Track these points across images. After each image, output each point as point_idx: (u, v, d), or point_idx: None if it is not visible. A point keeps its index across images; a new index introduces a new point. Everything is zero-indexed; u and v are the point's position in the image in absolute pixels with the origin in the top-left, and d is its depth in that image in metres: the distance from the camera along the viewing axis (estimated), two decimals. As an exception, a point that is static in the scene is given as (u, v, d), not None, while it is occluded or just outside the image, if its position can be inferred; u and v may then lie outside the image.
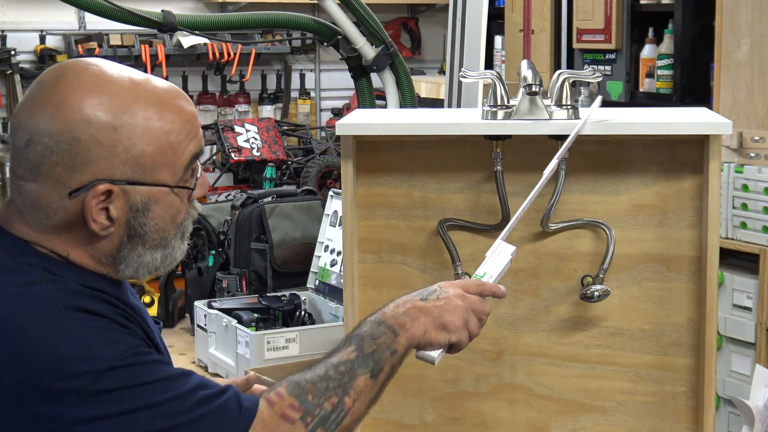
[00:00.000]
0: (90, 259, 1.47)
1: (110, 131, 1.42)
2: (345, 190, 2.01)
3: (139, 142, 1.44)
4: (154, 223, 1.49)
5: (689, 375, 2.01)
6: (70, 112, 1.41)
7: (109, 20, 3.28)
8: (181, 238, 1.55)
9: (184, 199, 1.55)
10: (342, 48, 3.42)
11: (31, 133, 1.41)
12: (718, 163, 1.92)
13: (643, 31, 4.38)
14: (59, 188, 1.42)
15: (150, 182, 1.46)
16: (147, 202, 1.47)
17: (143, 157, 1.44)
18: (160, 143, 1.47)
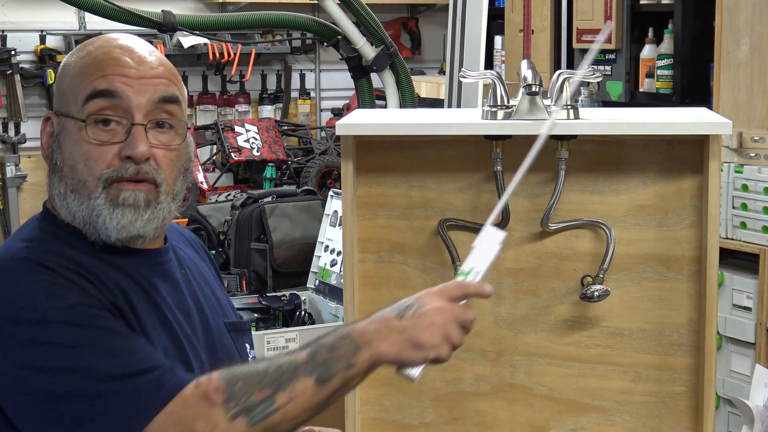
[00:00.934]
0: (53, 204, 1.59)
1: (61, 70, 1.60)
2: (345, 190, 2.01)
3: (66, 75, 1.58)
4: (65, 156, 1.55)
5: (689, 375, 2.01)
6: (78, 50, 1.61)
7: (109, 20, 3.28)
8: (106, 197, 1.54)
9: (105, 147, 1.54)
10: (342, 48, 3.42)
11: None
12: (718, 163, 1.92)
13: (643, 31, 4.38)
14: (47, 124, 1.61)
15: (63, 112, 1.57)
16: (60, 132, 1.56)
17: (61, 88, 1.58)
18: (72, 76, 1.57)
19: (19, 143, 5.51)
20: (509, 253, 2.04)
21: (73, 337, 1.44)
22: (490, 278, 2.04)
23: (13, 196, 5.45)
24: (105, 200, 1.53)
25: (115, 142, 1.53)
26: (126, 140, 1.53)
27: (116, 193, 1.53)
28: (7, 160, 5.44)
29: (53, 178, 1.56)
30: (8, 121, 5.52)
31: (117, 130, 1.54)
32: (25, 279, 1.47)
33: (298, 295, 3.11)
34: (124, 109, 1.54)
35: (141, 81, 1.55)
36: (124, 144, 1.53)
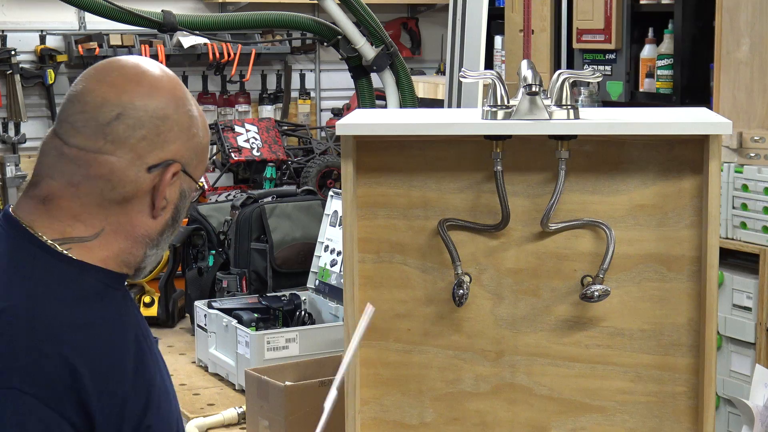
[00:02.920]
0: (124, 238, 1.53)
1: (188, 117, 1.55)
2: (345, 190, 2.01)
3: (200, 133, 1.57)
4: (183, 215, 1.60)
5: (689, 375, 2.01)
6: (163, 93, 1.53)
7: (109, 20, 3.28)
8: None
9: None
10: (342, 48, 3.42)
11: (123, 107, 1.50)
12: (718, 163, 1.92)
13: (643, 31, 4.38)
14: (138, 162, 1.51)
15: (192, 175, 1.57)
16: (187, 193, 1.58)
17: (198, 148, 1.57)
18: (207, 140, 1.59)
19: (19, 143, 5.51)
20: (509, 253, 2.04)
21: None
22: (490, 278, 2.05)
23: (13, 196, 5.45)
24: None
25: None
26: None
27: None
28: (7, 160, 5.44)
29: (164, 231, 1.57)
30: (8, 121, 5.52)
31: None
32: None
33: (298, 295, 3.11)
34: None
35: None
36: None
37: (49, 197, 1.51)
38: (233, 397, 2.79)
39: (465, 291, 1.99)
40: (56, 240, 1.49)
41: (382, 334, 2.08)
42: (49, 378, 1.39)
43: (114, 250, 1.53)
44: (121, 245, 1.53)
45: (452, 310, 2.05)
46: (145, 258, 1.57)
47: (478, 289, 2.05)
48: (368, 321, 1.64)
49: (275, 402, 2.35)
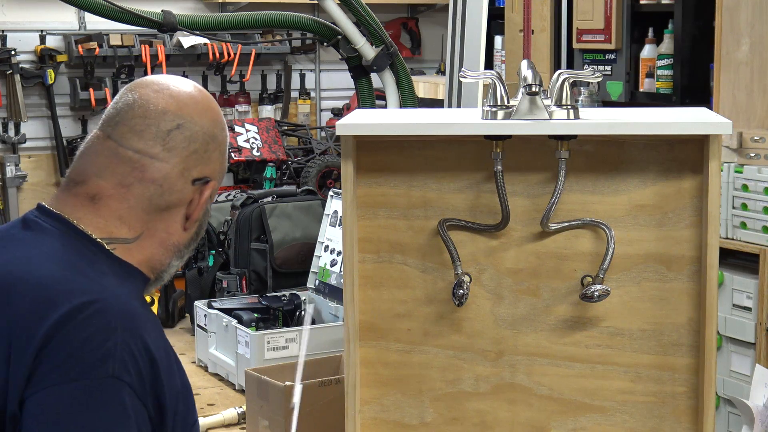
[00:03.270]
0: (157, 245, 1.59)
1: (225, 142, 1.65)
2: (345, 190, 2.01)
3: (226, 160, 1.66)
4: (204, 230, 1.68)
5: (689, 375, 2.01)
6: (215, 115, 1.62)
7: (109, 20, 3.28)
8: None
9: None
10: (342, 48, 3.42)
11: (184, 119, 1.58)
12: (718, 163, 1.92)
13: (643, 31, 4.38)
14: (186, 173, 1.58)
15: (209, 179, 1.63)
16: (208, 210, 1.66)
17: (223, 173, 1.66)
18: (225, 168, 1.67)
19: (19, 143, 5.51)
20: (509, 253, 2.04)
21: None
22: (490, 278, 2.05)
23: (13, 196, 5.45)
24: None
25: None
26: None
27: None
28: (7, 160, 5.44)
29: (190, 244, 1.64)
30: (8, 121, 5.52)
31: None
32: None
33: (298, 295, 3.11)
34: None
35: None
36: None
37: (98, 196, 1.55)
38: (233, 397, 2.79)
39: (465, 291, 1.99)
40: (103, 239, 1.54)
41: (382, 334, 2.08)
42: (138, 368, 1.43)
43: (147, 255, 1.58)
44: (154, 251, 1.59)
45: (452, 310, 2.05)
46: (169, 267, 1.62)
47: (478, 289, 2.05)
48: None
49: (275, 402, 2.35)
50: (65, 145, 5.57)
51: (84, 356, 1.40)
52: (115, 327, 1.43)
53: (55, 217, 1.54)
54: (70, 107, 5.64)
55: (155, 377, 1.45)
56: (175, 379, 1.51)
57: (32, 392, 1.39)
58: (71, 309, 1.42)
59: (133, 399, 1.42)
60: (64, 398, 1.39)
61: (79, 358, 1.40)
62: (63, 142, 5.56)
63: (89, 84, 5.54)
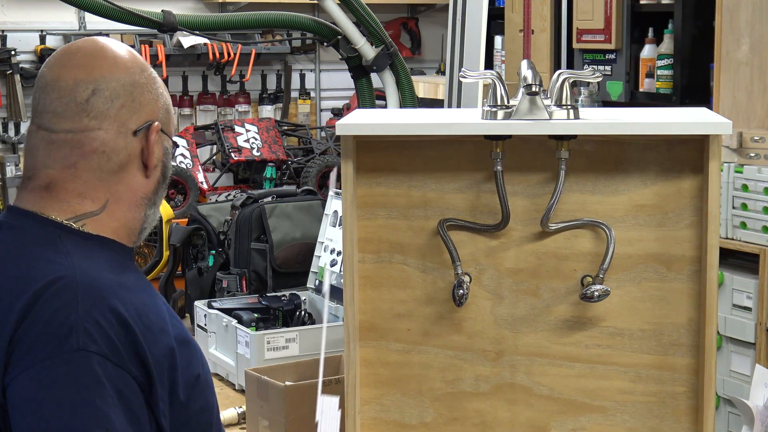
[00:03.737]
0: (127, 205, 1.61)
1: (153, 80, 1.64)
2: (345, 190, 2.01)
3: (165, 95, 1.67)
4: (168, 171, 1.68)
5: (689, 375, 2.01)
6: (127, 62, 1.62)
7: (109, 20, 3.28)
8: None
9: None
10: (342, 48, 3.42)
11: (96, 82, 1.58)
12: (718, 163, 1.92)
13: (643, 31, 4.38)
14: (123, 129, 1.59)
15: (168, 133, 1.66)
16: (168, 150, 1.67)
17: (166, 107, 1.66)
18: (169, 98, 1.68)
19: (19, 143, 5.51)
20: (509, 253, 2.04)
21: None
22: (490, 278, 2.05)
23: (13, 196, 5.45)
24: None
25: None
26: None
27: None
28: (7, 160, 5.44)
29: (158, 189, 1.66)
30: (8, 121, 5.52)
31: None
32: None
33: (298, 295, 3.11)
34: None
35: None
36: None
37: (51, 184, 1.58)
38: (233, 397, 2.79)
39: (465, 291, 1.99)
40: (70, 219, 1.57)
41: (382, 334, 2.08)
42: (109, 336, 1.45)
43: (121, 220, 1.61)
44: (126, 213, 1.61)
45: (452, 310, 2.05)
46: (146, 218, 1.65)
47: (478, 289, 2.05)
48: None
49: (275, 402, 2.35)
50: (65, 145, 5.56)
51: (49, 335, 1.43)
52: (77, 300, 1.46)
53: (22, 213, 1.58)
54: (70, 107, 5.63)
55: (132, 340, 1.47)
56: (165, 338, 1.53)
57: (10, 379, 1.43)
58: (34, 292, 1.46)
59: (105, 367, 1.44)
60: (37, 380, 1.42)
61: (46, 338, 1.43)
62: (63, 142, 5.55)
63: (89, 84, 5.54)
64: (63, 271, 1.49)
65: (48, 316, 1.44)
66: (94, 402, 1.41)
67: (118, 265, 1.58)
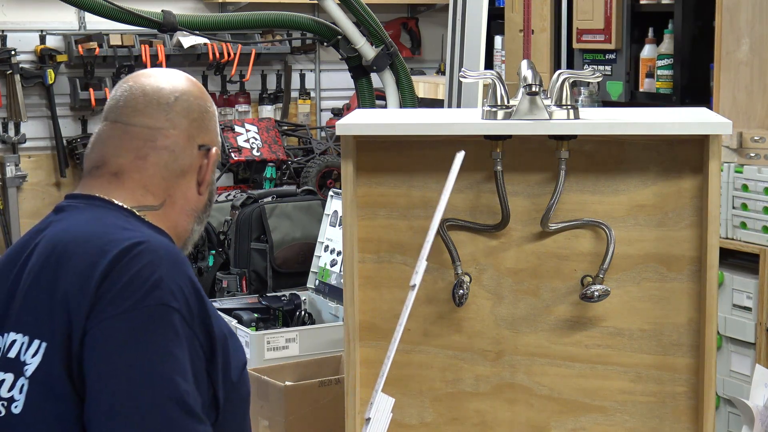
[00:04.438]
0: (180, 211, 1.72)
1: (215, 114, 1.77)
2: (345, 190, 2.01)
3: (218, 133, 1.78)
4: (214, 197, 1.81)
5: (689, 375, 2.01)
6: (202, 91, 1.77)
7: (109, 20, 3.28)
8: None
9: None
10: (342, 48, 3.42)
11: (180, 92, 1.72)
12: (718, 163, 1.92)
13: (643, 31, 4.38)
14: (192, 140, 1.72)
15: (209, 148, 1.75)
16: (214, 179, 1.77)
17: (219, 144, 1.77)
18: (215, 124, 1.78)
19: (19, 143, 5.51)
20: (509, 253, 2.04)
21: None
22: (490, 278, 2.05)
23: (13, 196, 5.45)
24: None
25: None
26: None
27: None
28: (7, 160, 5.44)
29: (206, 209, 1.78)
30: (8, 121, 5.52)
31: None
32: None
33: (298, 295, 3.11)
34: None
35: None
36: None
37: (120, 171, 1.68)
38: (233, 397, 2.78)
39: (465, 291, 1.99)
40: (134, 207, 1.67)
41: (382, 334, 2.07)
42: (186, 299, 1.55)
43: (173, 222, 1.71)
44: (177, 217, 1.72)
45: (452, 310, 2.05)
46: (192, 232, 1.76)
47: (478, 289, 2.05)
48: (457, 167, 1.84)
49: (275, 402, 2.35)
50: (65, 145, 5.57)
51: (134, 288, 1.53)
52: (161, 262, 1.56)
53: (86, 198, 1.68)
54: (70, 107, 5.64)
55: (203, 310, 1.56)
56: (221, 321, 1.62)
57: (91, 326, 1.51)
58: (120, 251, 1.56)
59: (182, 324, 1.53)
60: (119, 328, 1.51)
61: (131, 291, 1.52)
62: (63, 142, 5.56)
63: (89, 84, 5.55)
64: (143, 237, 1.59)
65: (134, 272, 1.54)
66: (174, 352, 1.50)
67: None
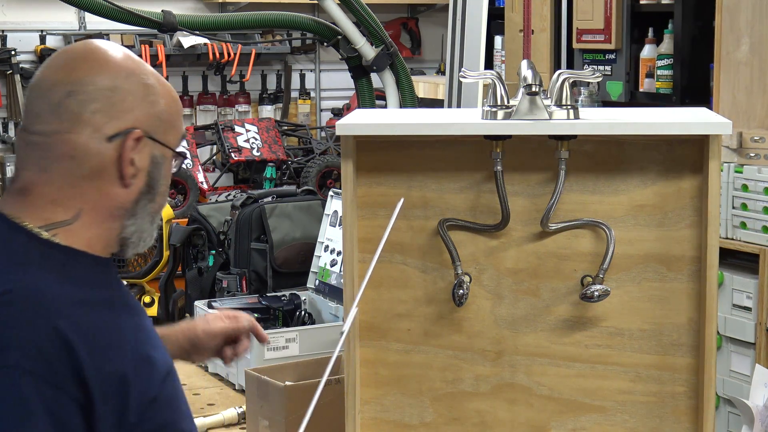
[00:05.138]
0: (101, 215, 1.56)
1: (142, 85, 1.57)
2: (345, 190, 2.01)
3: (161, 100, 1.59)
4: (162, 183, 1.62)
5: (689, 375, 2.01)
6: (111, 66, 1.56)
7: (109, 20, 3.28)
8: (157, 218, 1.65)
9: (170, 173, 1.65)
10: (342, 48, 3.42)
11: (73, 85, 1.53)
12: (718, 163, 1.92)
13: (643, 31, 4.38)
14: (97, 135, 1.53)
15: (163, 141, 1.59)
16: (161, 159, 1.60)
17: (162, 115, 1.59)
18: (172, 108, 1.62)
19: (19, 143, 5.51)
20: (509, 253, 2.04)
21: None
22: (490, 278, 2.05)
23: (13, 196, 5.45)
24: (157, 220, 1.65)
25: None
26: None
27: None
28: (7, 160, 5.44)
29: (140, 200, 1.58)
30: (8, 121, 5.52)
31: None
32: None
33: (298, 295, 3.11)
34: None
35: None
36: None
37: (26, 187, 1.55)
38: (233, 397, 2.79)
39: (465, 291, 1.99)
40: (42, 227, 1.53)
41: (382, 334, 2.08)
42: (46, 353, 1.41)
43: (95, 230, 1.56)
44: (101, 223, 1.56)
45: (452, 310, 2.05)
46: (123, 229, 1.58)
47: (478, 289, 2.05)
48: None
49: (275, 402, 2.35)
50: (65, 145, 5.56)
51: None
52: (17, 317, 1.42)
53: (1, 218, 1.55)
54: (70, 107, 5.64)
55: (73, 361, 1.42)
56: (118, 358, 1.48)
57: None
58: None
59: (39, 386, 1.40)
60: None
61: None
62: (63, 142, 5.56)
63: (89, 84, 5.54)
64: (11, 284, 1.45)
65: None
66: (15, 424, 1.38)
67: (87, 279, 1.53)
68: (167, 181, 1.63)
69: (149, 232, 1.62)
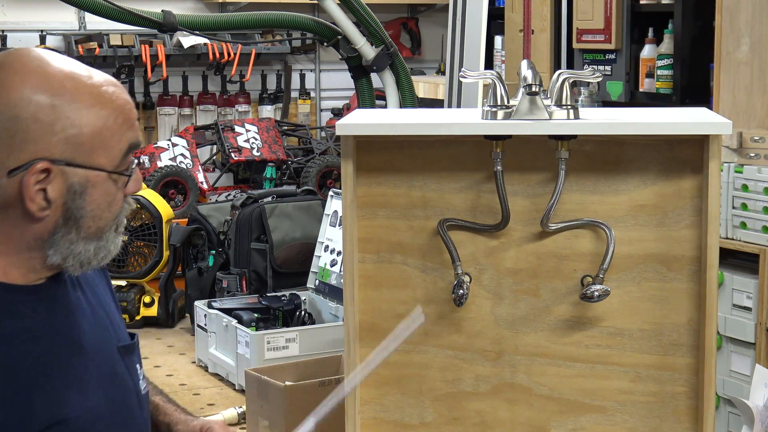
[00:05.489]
0: (17, 246, 1.48)
1: (49, 110, 1.44)
2: (345, 190, 2.01)
3: (77, 122, 1.46)
4: (91, 208, 1.50)
5: (689, 375, 2.01)
6: (11, 92, 1.43)
7: (109, 20, 3.28)
8: (115, 231, 1.55)
9: (120, 189, 1.54)
10: (342, 48, 3.42)
11: None
12: (718, 163, 1.92)
13: (643, 31, 4.38)
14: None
15: (87, 165, 1.48)
16: (84, 185, 1.48)
17: (80, 138, 1.46)
18: (97, 126, 1.48)
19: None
20: (509, 253, 2.04)
21: None
22: (490, 278, 2.05)
23: (13, 196, 5.45)
24: (114, 234, 1.55)
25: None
26: (130, 179, 1.55)
27: (119, 226, 1.56)
28: None
29: (57, 231, 1.49)
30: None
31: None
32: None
33: (298, 295, 3.11)
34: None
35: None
36: (129, 182, 1.55)
37: None
38: (233, 397, 2.79)
39: (465, 291, 1.99)
40: None
41: (382, 334, 2.07)
42: None
43: (11, 259, 1.49)
44: (17, 253, 1.49)
45: (452, 310, 2.05)
46: (47, 258, 1.50)
47: (478, 289, 2.05)
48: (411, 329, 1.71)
49: (275, 402, 2.35)
50: (65, 145, 5.56)
51: None
52: None
53: None
54: (70, 107, 5.64)
55: None
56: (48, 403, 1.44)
57: None
58: None
59: None
60: None
61: None
62: (63, 142, 5.55)
63: (89, 84, 5.54)
64: None
65: None
66: None
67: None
68: (103, 205, 1.52)
69: (95, 252, 1.53)
